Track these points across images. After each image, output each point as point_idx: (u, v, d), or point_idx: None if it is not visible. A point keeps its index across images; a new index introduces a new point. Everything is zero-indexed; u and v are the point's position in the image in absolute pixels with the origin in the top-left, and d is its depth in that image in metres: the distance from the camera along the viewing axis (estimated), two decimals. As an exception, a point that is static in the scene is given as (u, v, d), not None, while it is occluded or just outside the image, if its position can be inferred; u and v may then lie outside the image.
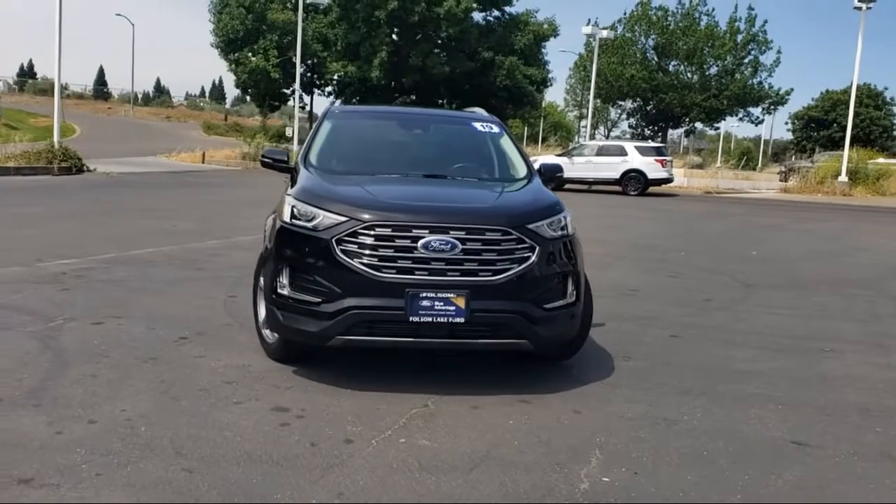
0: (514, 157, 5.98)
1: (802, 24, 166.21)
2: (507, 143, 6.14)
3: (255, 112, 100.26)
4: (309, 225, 4.56)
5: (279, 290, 4.61)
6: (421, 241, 4.36)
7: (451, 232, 4.41)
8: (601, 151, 27.44)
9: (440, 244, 4.36)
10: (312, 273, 4.48)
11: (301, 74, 33.84)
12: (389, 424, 4.08)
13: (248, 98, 42.30)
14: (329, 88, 40.97)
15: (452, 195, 5.15)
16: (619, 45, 46.42)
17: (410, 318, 4.35)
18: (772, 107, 47.47)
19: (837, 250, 13.63)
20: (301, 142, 35.85)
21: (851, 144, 50.03)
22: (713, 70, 46.32)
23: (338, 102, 8.72)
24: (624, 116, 52.34)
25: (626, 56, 46.96)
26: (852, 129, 61.56)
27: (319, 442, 3.81)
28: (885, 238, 16.04)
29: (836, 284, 9.63)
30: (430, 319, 4.36)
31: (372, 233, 4.39)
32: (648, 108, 46.59)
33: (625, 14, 48.05)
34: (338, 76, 36.32)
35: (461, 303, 4.36)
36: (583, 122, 59.12)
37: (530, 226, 4.56)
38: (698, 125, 49.82)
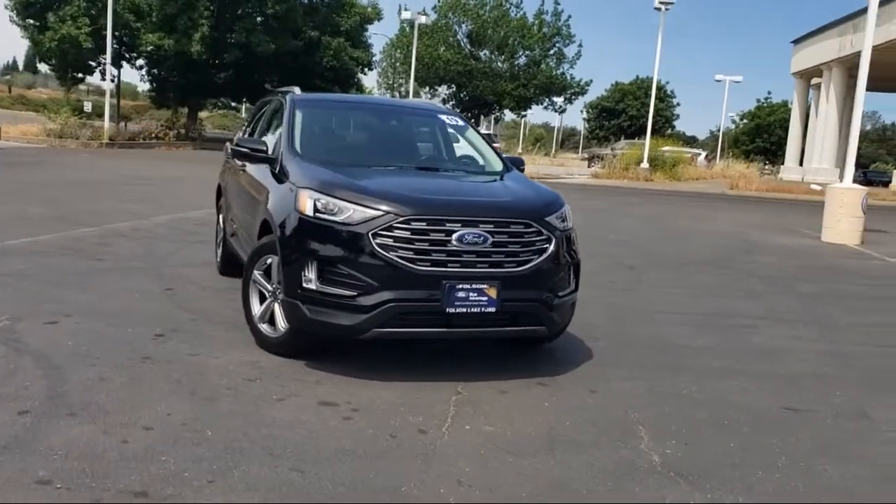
0: (486, 149, 6.20)
1: (596, 21, 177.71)
2: (474, 136, 6.35)
3: (33, 83, 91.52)
4: (338, 219, 4.53)
5: (305, 285, 4.55)
6: (455, 235, 4.49)
7: (481, 225, 4.58)
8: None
9: (473, 237, 4.52)
10: (346, 267, 4.46)
11: (111, 46, 31.50)
12: (444, 413, 4.21)
13: (49, 69, 38.50)
14: (141, 61, 38.40)
15: (468, 189, 5.30)
16: (434, 30, 47.36)
17: (447, 309, 4.49)
18: (573, 96, 50.51)
19: (674, 232, 15.00)
20: (112, 119, 33.56)
21: (640, 133, 54.20)
22: (522, 60, 48.50)
23: (297, 89, 8.14)
24: (439, 101, 53.63)
25: (440, 41, 48.04)
26: (640, 119, 66.75)
27: (396, 433, 3.88)
28: (703, 221, 17.86)
29: (698, 265, 10.70)
30: (464, 310, 4.51)
31: (408, 227, 4.46)
32: (463, 94, 47.98)
33: (438, 1, 49.06)
34: (151, 49, 34.07)
35: (493, 293, 4.55)
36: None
37: (547, 218, 4.84)
38: (507, 112, 52.05)
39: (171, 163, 25.60)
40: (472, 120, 49.73)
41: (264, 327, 5.07)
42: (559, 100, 49.99)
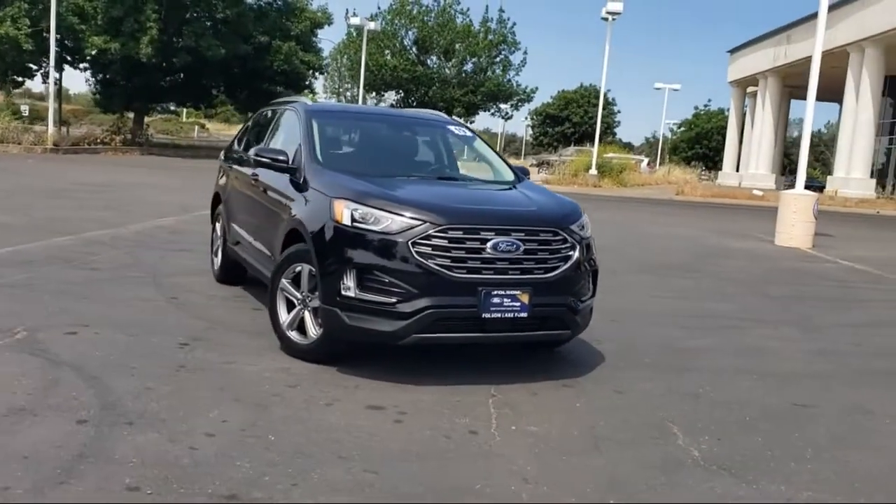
0: (495, 158, 6.40)
1: (540, 28, 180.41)
2: (482, 146, 6.54)
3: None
4: (376, 228, 4.66)
5: (343, 293, 4.66)
6: (490, 243, 4.68)
7: (513, 234, 4.77)
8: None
9: (507, 245, 4.71)
10: (385, 274, 4.60)
11: (55, 49, 30.70)
12: (486, 414, 4.38)
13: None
14: (84, 65, 37.45)
15: (495, 198, 5.50)
16: (380, 36, 47.56)
17: (483, 315, 4.66)
18: (520, 103, 51.26)
19: (637, 237, 15.42)
20: (55, 124, 32.68)
21: (583, 140, 55.07)
22: (469, 67, 49.02)
23: (306, 100, 7.92)
24: (387, 107, 53.79)
25: (386, 47, 48.37)
26: (583, 126, 67.77)
27: (450, 435, 4.03)
28: (660, 226, 18.39)
29: (671, 269, 11.07)
30: (499, 315, 4.70)
31: (445, 235, 4.62)
32: (411, 100, 48.18)
33: (379, 9, 49.38)
34: (97, 52, 33.25)
35: (525, 299, 4.75)
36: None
37: (571, 226, 5.06)
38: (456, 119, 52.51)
39: (121, 169, 25.12)
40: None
41: (293, 335, 5.16)
42: (506, 106, 50.63)
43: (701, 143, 71.22)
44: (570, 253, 4.98)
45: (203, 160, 34.67)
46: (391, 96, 50.30)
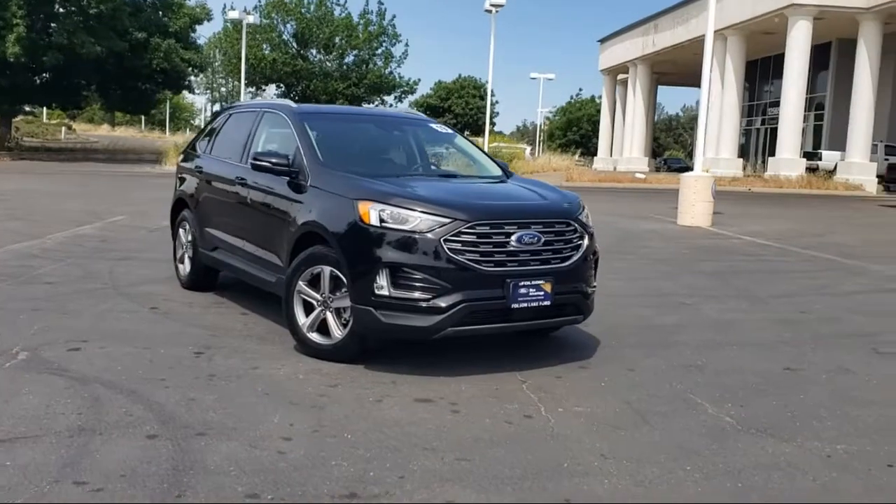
0: (479, 155, 6.59)
1: (417, 19, 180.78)
2: (464, 143, 6.72)
3: None
4: (406, 227, 4.78)
5: (378, 292, 4.76)
6: (514, 236, 4.89)
7: (533, 227, 5.01)
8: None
9: (529, 238, 4.94)
10: (419, 272, 4.73)
11: None
12: (528, 399, 4.60)
13: None
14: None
15: (506, 193, 5.68)
16: (257, 30, 46.58)
17: (511, 305, 4.87)
18: (403, 95, 51.46)
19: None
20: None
21: (463, 131, 55.83)
22: (350, 59, 48.79)
23: (290, 102, 7.35)
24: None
25: (265, 41, 47.50)
26: (465, 117, 68.55)
27: (510, 420, 4.23)
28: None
29: (604, 252, 11.53)
30: (525, 305, 4.92)
31: (474, 231, 4.80)
32: (293, 94, 47.46)
33: (259, 2, 48.33)
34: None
35: (548, 288, 4.99)
36: (216, 106, 57.77)
37: (579, 216, 5.34)
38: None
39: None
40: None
41: (314, 336, 5.20)
42: (389, 98, 50.73)
43: (572, 130, 73.81)
44: (581, 242, 5.27)
45: (82, 163, 33.07)
46: (272, 90, 49.35)
